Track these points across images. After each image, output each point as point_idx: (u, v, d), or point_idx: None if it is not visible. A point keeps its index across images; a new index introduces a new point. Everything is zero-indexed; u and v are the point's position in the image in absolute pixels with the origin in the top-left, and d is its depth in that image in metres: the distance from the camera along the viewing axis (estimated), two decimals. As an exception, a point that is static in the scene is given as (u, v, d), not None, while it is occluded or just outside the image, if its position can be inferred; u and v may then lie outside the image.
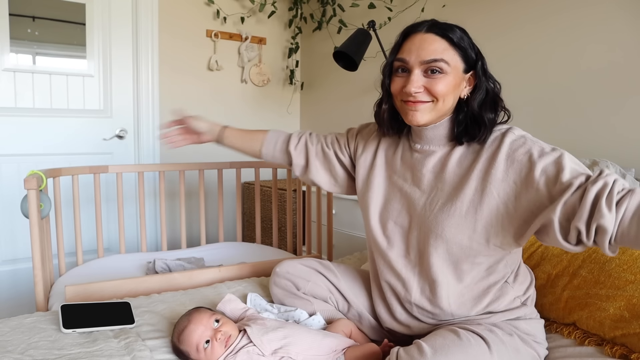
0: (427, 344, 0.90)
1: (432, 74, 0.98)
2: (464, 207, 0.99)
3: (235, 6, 3.02)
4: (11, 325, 1.17)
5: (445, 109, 1.01)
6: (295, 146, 1.32)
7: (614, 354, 1.02)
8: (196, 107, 2.96)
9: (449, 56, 0.98)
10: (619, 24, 1.65)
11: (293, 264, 1.30)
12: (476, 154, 1.01)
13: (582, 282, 1.12)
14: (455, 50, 0.99)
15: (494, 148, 0.99)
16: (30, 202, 1.50)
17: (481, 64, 1.02)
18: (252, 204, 2.99)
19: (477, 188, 0.98)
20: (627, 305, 1.02)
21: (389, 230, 1.12)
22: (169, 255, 2.10)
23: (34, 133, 2.52)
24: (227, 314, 1.17)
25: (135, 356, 1.02)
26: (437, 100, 0.99)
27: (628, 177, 1.43)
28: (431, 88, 0.98)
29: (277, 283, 1.29)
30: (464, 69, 1.00)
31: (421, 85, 0.99)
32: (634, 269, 1.04)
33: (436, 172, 1.06)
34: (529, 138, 0.98)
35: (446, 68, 0.97)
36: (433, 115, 1.01)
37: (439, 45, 0.98)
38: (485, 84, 1.02)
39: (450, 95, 1.00)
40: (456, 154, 1.04)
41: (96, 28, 2.61)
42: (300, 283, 1.26)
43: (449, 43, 0.99)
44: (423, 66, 0.98)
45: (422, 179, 1.07)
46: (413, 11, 2.42)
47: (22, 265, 2.54)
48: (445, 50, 0.98)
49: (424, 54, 0.98)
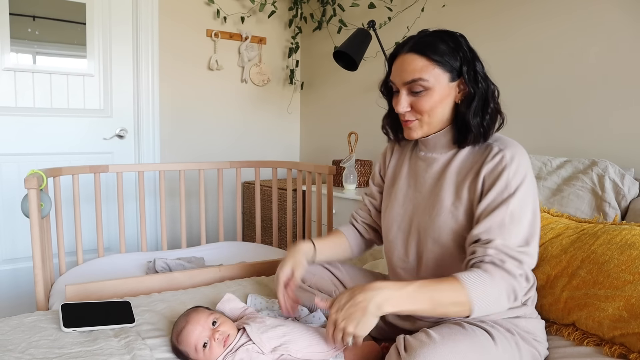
0: (434, 331, 0.91)
1: (416, 93, 1.03)
2: (460, 211, 1.03)
3: (236, 6, 3.02)
4: (12, 324, 1.17)
5: (436, 121, 1.06)
6: (364, 234, 1.35)
7: (612, 353, 1.02)
8: (196, 106, 2.96)
9: (429, 73, 1.01)
10: (618, 24, 1.65)
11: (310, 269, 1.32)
12: (475, 162, 1.05)
13: (581, 283, 1.12)
14: (435, 65, 1.02)
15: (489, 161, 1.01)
16: (31, 202, 1.51)
17: (467, 69, 1.03)
18: (252, 203, 2.99)
19: (470, 195, 1.03)
20: (625, 305, 1.02)
21: (392, 235, 1.17)
22: (169, 254, 2.11)
23: (35, 132, 2.52)
24: (227, 313, 1.17)
25: (136, 355, 1.02)
26: (423, 116, 1.05)
27: (627, 178, 1.43)
28: (415, 106, 1.04)
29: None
30: (449, 78, 1.03)
31: (408, 104, 1.05)
32: (633, 269, 1.04)
33: (437, 178, 1.09)
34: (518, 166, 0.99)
35: (427, 85, 1.02)
36: (425, 130, 1.07)
37: (417, 64, 1.02)
38: (473, 88, 1.03)
39: (437, 109, 1.04)
40: (457, 160, 1.08)
41: (96, 27, 2.62)
42: (305, 275, 1.27)
43: (428, 59, 1.02)
44: (406, 87, 1.04)
45: (425, 184, 1.12)
46: (413, 11, 2.42)
47: (23, 264, 2.54)
48: (423, 68, 1.01)
49: (405, 75, 1.03)
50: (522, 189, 0.97)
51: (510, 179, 0.97)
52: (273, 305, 1.27)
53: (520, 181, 0.97)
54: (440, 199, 1.06)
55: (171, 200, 2.92)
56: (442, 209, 1.05)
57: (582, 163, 1.53)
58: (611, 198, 1.41)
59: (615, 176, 1.44)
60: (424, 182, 1.12)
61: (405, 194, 1.16)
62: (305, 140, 3.36)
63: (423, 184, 1.12)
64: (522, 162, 0.99)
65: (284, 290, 1.15)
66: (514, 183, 0.97)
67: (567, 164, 1.56)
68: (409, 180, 1.17)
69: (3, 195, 2.48)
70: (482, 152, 1.04)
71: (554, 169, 1.58)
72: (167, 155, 2.88)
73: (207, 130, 3.02)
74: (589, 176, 1.47)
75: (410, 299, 0.90)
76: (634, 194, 1.42)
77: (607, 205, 1.41)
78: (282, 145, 3.34)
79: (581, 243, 1.18)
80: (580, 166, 1.53)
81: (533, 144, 1.92)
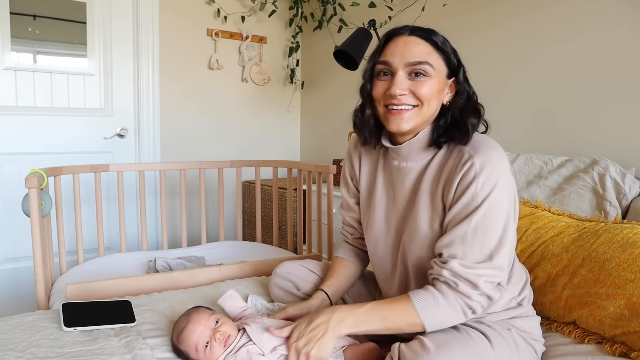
0: (428, 339, 0.90)
1: (417, 76, 0.97)
2: (436, 224, 1.00)
3: (236, 5, 3.02)
4: (12, 323, 1.17)
5: (429, 114, 1.00)
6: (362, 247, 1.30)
7: (614, 352, 1.02)
8: (197, 106, 2.96)
9: (434, 59, 0.98)
10: (619, 23, 1.65)
11: (293, 265, 1.31)
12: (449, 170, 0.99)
13: (582, 281, 1.12)
14: (439, 54, 0.99)
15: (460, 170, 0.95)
16: (32, 201, 1.51)
17: (463, 70, 1.02)
18: (252, 202, 2.99)
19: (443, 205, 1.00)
20: (627, 303, 1.02)
21: (380, 251, 1.15)
22: (170, 254, 2.11)
23: (35, 132, 2.52)
24: (226, 309, 1.17)
25: (136, 354, 1.02)
26: (422, 104, 0.98)
27: (628, 177, 1.43)
28: (416, 91, 0.97)
29: (278, 283, 1.30)
30: (447, 74, 1.01)
31: (406, 87, 0.97)
32: (634, 267, 1.04)
33: (413, 190, 1.06)
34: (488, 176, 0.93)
35: (431, 71, 0.97)
36: (417, 121, 0.99)
37: (424, 48, 0.98)
38: (467, 89, 1.02)
39: (434, 100, 0.99)
40: (431, 168, 1.03)
41: (97, 27, 2.62)
42: (300, 284, 1.28)
43: (433, 47, 0.99)
44: (407, 68, 0.97)
45: (402, 196, 1.08)
46: (413, 10, 2.42)
47: (23, 263, 2.54)
48: (429, 53, 0.98)
49: (409, 56, 0.97)
50: (489, 200, 0.92)
51: (478, 191, 0.92)
52: (274, 307, 1.27)
53: (489, 192, 0.92)
54: (417, 213, 1.02)
55: (171, 200, 2.92)
56: (420, 224, 1.02)
57: (583, 162, 1.53)
58: (612, 197, 1.41)
59: (616, 175, 1.43)
60: (402, 194, 1.07)
61: (386, 207, 1.12)
62: (306, 139, 3.36)
63: (401, 196, 1.07)
64: (493, 171, 0.93)
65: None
66: (482, 195, 0.92)
67: (568, 163, 1.56)
68: (387, 191, 1.12)
69: (4, 194, 2.48)
70: (454, 158, 0.99)
71: (554, 167, 1.58)
72: (167, 155, 2.88)
73: (208, 129, 3.02)
74: (590, 175, 1.47)
75: (364, 318, 0.95)
76: (635, 193, 1.42)
77: (608, 204, 1.41)
78: (283, 144, 3.34)
79: (582, 241, 1.18)
80: (581, 165, 1.53)
81: (534, 143, 1.91)
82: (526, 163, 1.65)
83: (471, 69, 2.29)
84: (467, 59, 2.11)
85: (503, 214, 0.94)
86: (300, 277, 1.28)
